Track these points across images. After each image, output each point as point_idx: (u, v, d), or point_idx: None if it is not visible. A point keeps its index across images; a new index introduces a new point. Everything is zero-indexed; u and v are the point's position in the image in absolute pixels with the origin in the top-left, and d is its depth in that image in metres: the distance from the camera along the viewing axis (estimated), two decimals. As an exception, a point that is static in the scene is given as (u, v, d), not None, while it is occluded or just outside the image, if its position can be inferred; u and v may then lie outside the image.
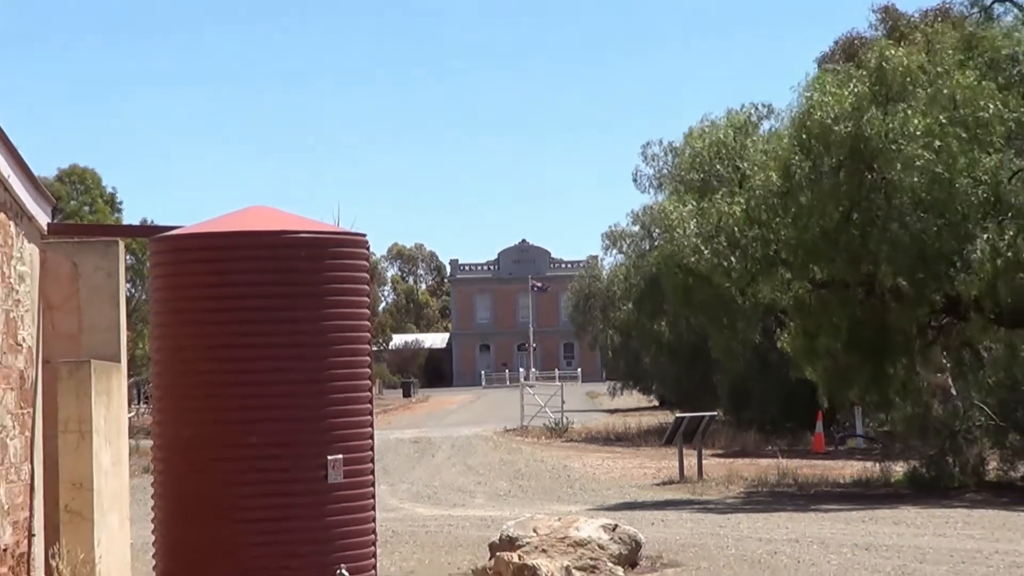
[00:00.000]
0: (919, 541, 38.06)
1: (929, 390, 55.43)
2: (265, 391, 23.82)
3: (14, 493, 23.56)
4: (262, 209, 25.66)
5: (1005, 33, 57.98)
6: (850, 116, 52.07)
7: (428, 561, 34.25)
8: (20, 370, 24.11)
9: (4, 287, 23.27)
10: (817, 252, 53.37)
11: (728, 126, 61.52)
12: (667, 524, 41.41)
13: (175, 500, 24.59)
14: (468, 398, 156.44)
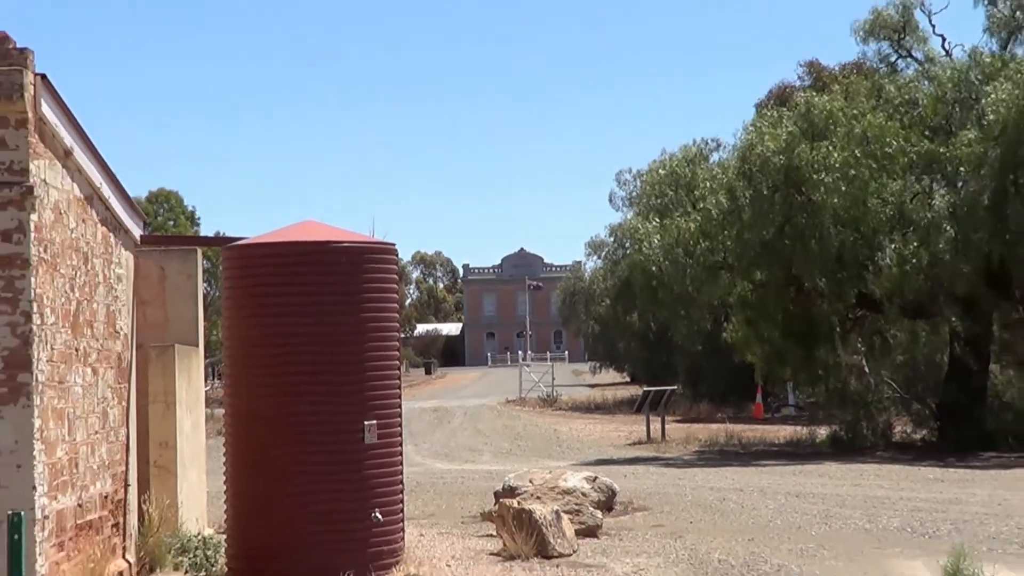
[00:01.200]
0: (839, 490, 38.23)
1: (847, 369, 55.57)
2: (313, 370, 24.20)
3: (113, 451, 23.75)
4: (312, 223, 26.10)
5: (906, 83, 58.21)
6: (783, 150, 52.48)
7: (445, 506, 34.44)
8: (118, 353, 24.31)
9: (105, 286, 23.48)
10: (757, 259, 53.75)
11: (682, 159, 61.89)
12: (636, 476, 41.53)
13: (242, 458, 24.89)
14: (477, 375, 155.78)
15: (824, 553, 26.54)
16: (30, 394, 18.68)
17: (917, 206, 52.04)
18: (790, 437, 58.84)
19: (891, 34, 60.17)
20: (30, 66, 18.90)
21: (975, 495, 36.41)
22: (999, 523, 30.46)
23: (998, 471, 43.83)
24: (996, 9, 57.92)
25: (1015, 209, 51.06)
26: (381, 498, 24.64)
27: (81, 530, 21.52)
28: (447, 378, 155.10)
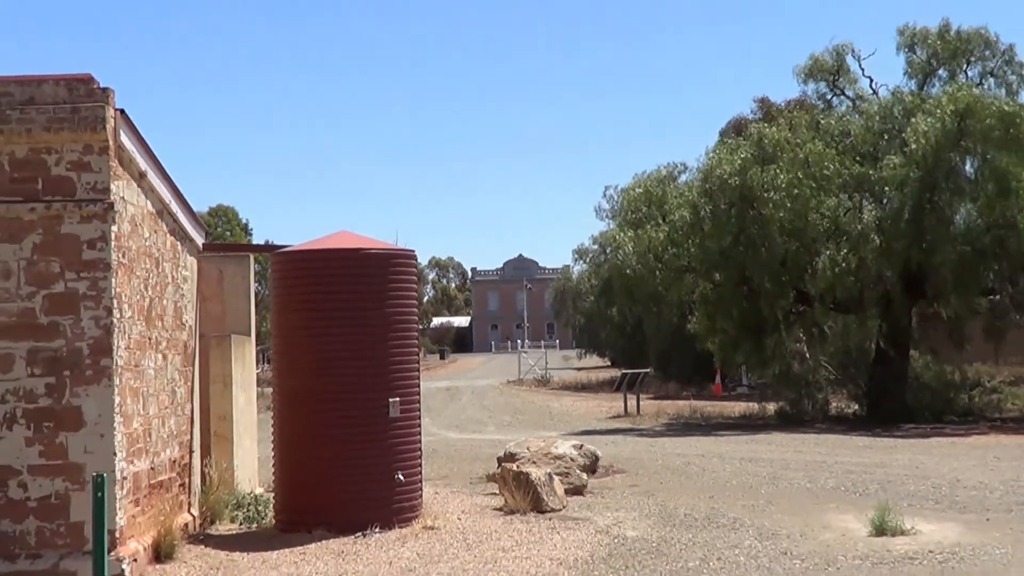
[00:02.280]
0: (784, 455, 38.20)
1: (791, 355, 55.54)
2: (346, 356, 24.30)
3: (180, 423, 23.80)
4: (345, 233, 26.23)
5: (840, 117, 58.28)
6: (738, 173, 52.43)
7: (456, 470, 34.43)
8: (184, 341, 24.39)
9: (173, 286, 23.55)
10: (715, 264, 53.72)
11: (655, 179, 61.95)
12: (616, 444, 41.48)
13: (287, 429, 24.97)
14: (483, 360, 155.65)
15: (772, 508, 26.56)
16: (111, 376, 18.75)
17: (849, 219, 52.06)
18: (744, 412, 58.74)
19: (827, 76, 60.18)
20: (111, 102, 18.97)
21: (897, 460, 36.43)
22: (917, 483, 30.49)
23: (916, 440, 43.85)
24: (914, 55, 58.00)
25: (930, 223, 51.34)
26: (403, 462, 24.74)
27: (153, 489, 21.57)
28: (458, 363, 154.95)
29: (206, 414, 27.10)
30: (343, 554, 21.85)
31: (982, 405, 56.01)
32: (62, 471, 18.71)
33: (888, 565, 19.88)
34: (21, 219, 18.83)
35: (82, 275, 18.80)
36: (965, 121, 50.18)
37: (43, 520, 18.72)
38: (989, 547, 21.48)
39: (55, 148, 18.83)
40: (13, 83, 19.10)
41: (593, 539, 22.73)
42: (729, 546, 21.82)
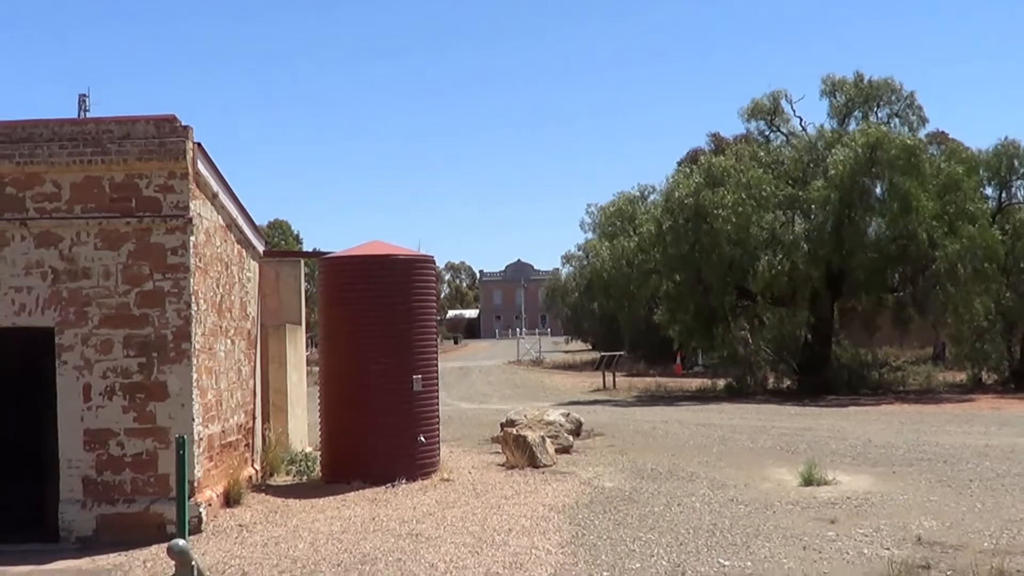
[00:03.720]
0: (731, 421, 38.15)
1: (736, 340, 55.44)
2: (378, 341, 24.33)
3: (244, 395, 23.78)
4: (378, 242, 26.36)
5: (775, 148, 58.44)
6: (693, 194, 52.40)
7: (467, 433, 34.40)
8: (248, 329, 24.39)
9: (239, 284, 23.56)
10: (675, 267, 53.71)
11: (627, 199, 62.03)
12: (595, 412, 41.43)
13: (331, 400, 24.97)
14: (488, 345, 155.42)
15: (721, 464, 26.54)
16: (190, 357, 18.75)
17: (783, 231, 52.07)
18: (699, 387, 58.60)
19: (765, 116, 60.17)
20: (190, 137, 19.00)
21: (822, 424, 36.40)
22: (838, 443, 30.47)
23: (837, 408, 43.79)
24: (835, 100, 58.04)
25: (848, 234, 51.57)
26: (424, 427, 24.77)
27: (224, 448, 21.58)
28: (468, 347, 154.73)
29: (265, 388, 27.13)
30: (376, 500, 21.88)
31: (889, 380, 56.10)
32: (151, 433, 18.75)
33: (814, 509, 19.91)
34: (119, 231, 18.88)
35: (167, 276, 18.83)
36: (875, 152, 50.53)
37: (137, 472, 18.77)
38: (894, 493, 21.53)
39: (146, 174, 18.87)
40: (113, 122, 19.19)
41: (578, 489, 22.73)
42: (687, 494, 21.82)
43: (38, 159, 18.91)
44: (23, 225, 18.97)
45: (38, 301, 18.97)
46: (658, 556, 16.05)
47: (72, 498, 18.82)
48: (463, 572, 15.27)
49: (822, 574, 14.48)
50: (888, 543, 16.73)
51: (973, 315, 50.65)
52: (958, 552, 15.98)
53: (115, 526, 18.58)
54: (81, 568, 16.68)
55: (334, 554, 16.82)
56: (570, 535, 17.84)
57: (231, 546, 17.75)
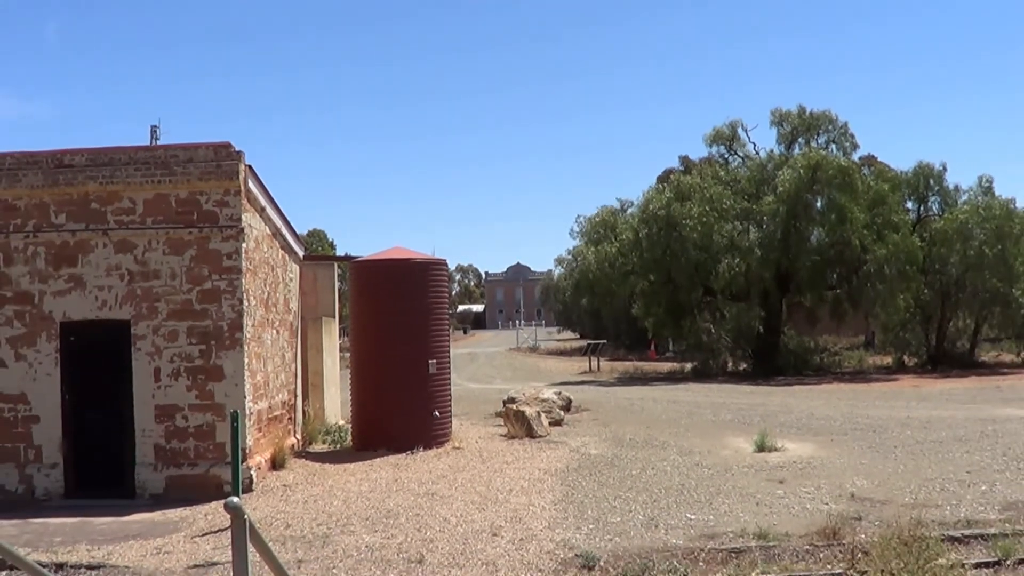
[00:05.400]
0: (697, 398, 38.15)
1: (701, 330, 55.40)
2: (399, 332, 24.35)
3: (288, 377, 23.83)
4: (399, 248, 26.53)
5: (734, 168, 58.59)
6: (665, 207, 52.48)
7: (474, 409, 34.38)
8: (290, 321, 24.42)
9: (283, 283, 23.60)
10: (650, 268, 53.68)
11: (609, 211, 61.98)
12: (583, 391, 41.38)
13: (359, 381, 25.01)
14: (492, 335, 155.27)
15: (689, 434, 26.55)
16: (242, 344, 18.80)
17: (740, 238, 52.09)
18: (669, 369, 58.55)
19: (725, 141, 60.24)
20: (242, 160, 19.06)
21: (772, 401, 36.41)
22: (786, 416, 30.49)
23: (785, 387, 43.80)
24: (782, 128, 58.20)
25: (794, 241, 51.88)
26: (438, 403, 24.82)
27: (271, 421, 21.62)
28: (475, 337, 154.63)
29: (305, 371, 27.16)
30: (398, 465, 21.93)
31: (828, 364, 56.18)
32: (210, 408, 18.83)
33: (766, 471, 19.94)
34: (183, 239, 18.93)
35: (223, 277, 18.89)
36: (816, 173, 50.89)
37: (198, 441, 18.85)
38: (832, 458, 21.58)
39: (206, 191, 18.93)
40: (179, 148, 19.29)
41: (568, 455, 22.75)
42: (660, 459, 21.85)
43: (117, 179, 19.03)
44: (105, 234, 19.08)
45: (117, 298, 19.08)
46: (635, 511, 16.11)
47: (145, 462, 18.94)
48: (472, 525, 15.32)
49: (772, 525, 14.51)
50: (827, 499, 16.80)
51: (897, 308, 51.21)
52: (884, 506, 16.05)
53: (181, 485, 18.69)
54: (154, 520, 16.76)
55: (363, 509, 16.89)
56: (561, 494, 17.89)
57: (277, 503, 17.82)
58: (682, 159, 79.69)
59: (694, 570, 12.46)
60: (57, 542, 15.01)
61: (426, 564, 13.07)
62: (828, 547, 13.31)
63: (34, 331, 19.15)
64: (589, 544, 13.82)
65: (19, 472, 19.01)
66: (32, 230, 19.19)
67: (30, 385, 19.09)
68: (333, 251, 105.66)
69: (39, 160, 19.32)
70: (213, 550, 14.19)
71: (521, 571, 12.63)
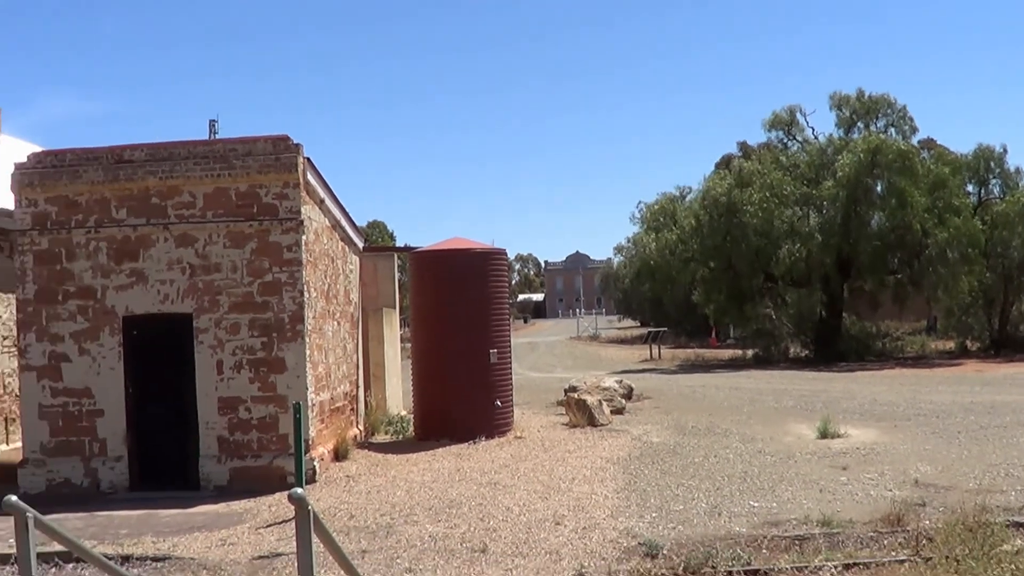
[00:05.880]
0: (759, 385, 37.97)
1: (762, 317, 55.39)
2: (460, 322, 24.46)
3: (349, 368, 23.90)
4: (458, 239, 26.52)
5: (793, 154, 58.24)
6: (725, 193, 52.56)
7: (535, 397, 34.35)
8: (351, 312, 24.51)
9: (343, 275, 23.66)
10: (710, 254, 53.75)
11: (669, 198, 61.94)
12: (644, 379, 41.27)
13: (421, 371, 25.11)
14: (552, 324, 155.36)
15: (751, 421, 26.43)
16: (304, 336, 18.85)
17: (800, 224, 52.01)
18: (731, 356, 58.45)
19: (784, 126, 59.94)
20: (301, 153, 19.09)
21: (835, 387, 36.20)
22: (848, 402, 30.30)
23: (847, 373, 43.56)
24: (841, 113, 57.93)
25: (854, 226, 51.59)
26: (500, 393, 24.85)
27: (333, 412, 21.67)
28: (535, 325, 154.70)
29: (367, 362, 27.26)
30: (460, 455, 21.94)
31: (890, 349, 56.09)
32: (273, 400, 18.87)
33: (829, 458, 19.80)
34: (243, 232, 18.98)
35: (283, 269, 18.92)
36: (875, 157, 50.56)
37: (261, 433, 18.90)
38: (896, 443, 21.41)
39: (265, 184, 18.96)
40: (238, 142, 19.35)
41: (630, 444, 22.69)
42: (722, 447, 21.75)
43: (177, 174, 19.10)
44: (166, 229, 19.15)
45: (179, 291, 19.16)
46: (698, 499, 16.02)
47: (209, 454, 19.01)
48: (534, 514, 15.28)
49: (836, 512, 14.38)
50: (891, 485, 16.64)
51: (960, 292, 50.99)
52: (948, 492, 15.88)
53: (244, 477, 18.75)
54: (218, 511, 16.82)
55: (426, 499, 16.88)
56: (624, 482, 17.82)
57: (340, 493, 17.84)
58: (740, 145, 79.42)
59: (757, 558, 12.36)
60: (123, 534, 15.09)
61: (489, 553, 13.05)
62: (892, 533, 13.17)
63: (97, 325, 19.27)
64: (652, 532, 13.75)
65: (84, 465, 19.14)
66: (94, 225, 19.31)
67: (94, 379, 19.21)
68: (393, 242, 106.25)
69: (99, 156, 19.44)
70: (277, 541, 14.23)
71: (584, 559, 12.58)
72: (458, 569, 12.41)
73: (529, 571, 12.21)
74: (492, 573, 12.20)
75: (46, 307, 19.31)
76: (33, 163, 19.60)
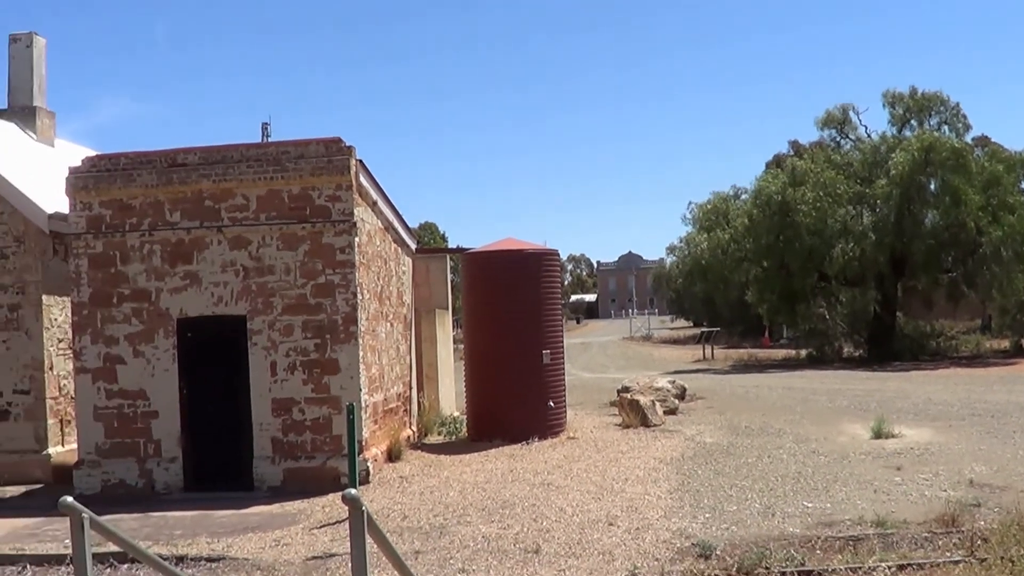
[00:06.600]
0: (812, 385, 37.79)
1: (816, 317, 55.20)
2: (513, 322, 24.43)
3: (403, 369, 23.94)
4: (511, 239, 26.52)
5: (845, 153, 57.93)
6: (779, 192, 52.28)
7: (588, 398, 34.29)
8: (404, 314, 24.55)
9: (396, 276, 23.71)
10: (763, 254, 53.54)
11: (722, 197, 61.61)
12: (697, 379, 41.16)
13: (474, 372, 25.13)
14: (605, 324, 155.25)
15: (804, 421, 26.29)
16: (357, 337, 18.89)
17: (853, 223, 51.77)
18: (784, 356, 58.24)
19: (836, 125, 59.66)
20: (353, 155, 19.13)
21: (889, 387, 35.96)
22: (902, 402, 30.09)
23: (901, 373, 43.29)
24: (894, 110, 57.54)
25: (908, 224, 51.21)
26: (553, 393, 24.80)
27: (386, 413, 21.72)
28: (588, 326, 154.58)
29: (420, 363, 27.31)
30: (514, 455, 21.93)
31: (945, 348, 55.61)
32: (326, 402, 18.92)
33: (883, 458, 19.66)
34: (296, 234, 19.05)
35: (336, 271, 18.97)
36: (929, 155, 50.14)
37: (315, 434, 18.96)
38: (950, 444, 21.24)
39: (318, 187, 19.02)
40: (290, 145, 19.43)
41: (683, 444, 22.62)
42: (776, 447, 21.65)
43: (230, 177, 19.19)
44: (219, 231, 19.25)
45: (232, 294, 19.25)
46: (751, 500, 15.94)
47: (263, 455, 19.09)
48: (588, 514, 15.24)
49: (890, 513, 14.27)
50: (945, 485, 16.51)
51: (1014, 291, 50.47)
52: (1004, 492, 15.74)
53: (298, 478, 18.81)
54: (272, 512, 16.88)
55: (479, 500, 16.88)
56: (677, 483, 17.76)
57: (394, 494, 17.87)
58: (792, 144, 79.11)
59: (811, 558, 12.28)
60: (177, 535, 15.17)
61: (542, 554, 13.02)
62: (947, 534, 13.05)
63: (152, 328, 19.39)
64: (705, 533, 13.69)
65: (139, 466, 19.27)
66: (148, 228, 19.43)
67: (148, 381, 19.33)
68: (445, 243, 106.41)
69: (153, 160, 19.56)
70: (331, 541, 14.26)
71: (637, 560, 12.54)
72: (511, 570, 12.40)
73: (582, 572, 12.18)
74: (545, 574, 12.18)
75: (101, 310, 19.47)
76: (87, 167, 19.76)
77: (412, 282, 26.87)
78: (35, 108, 26.73)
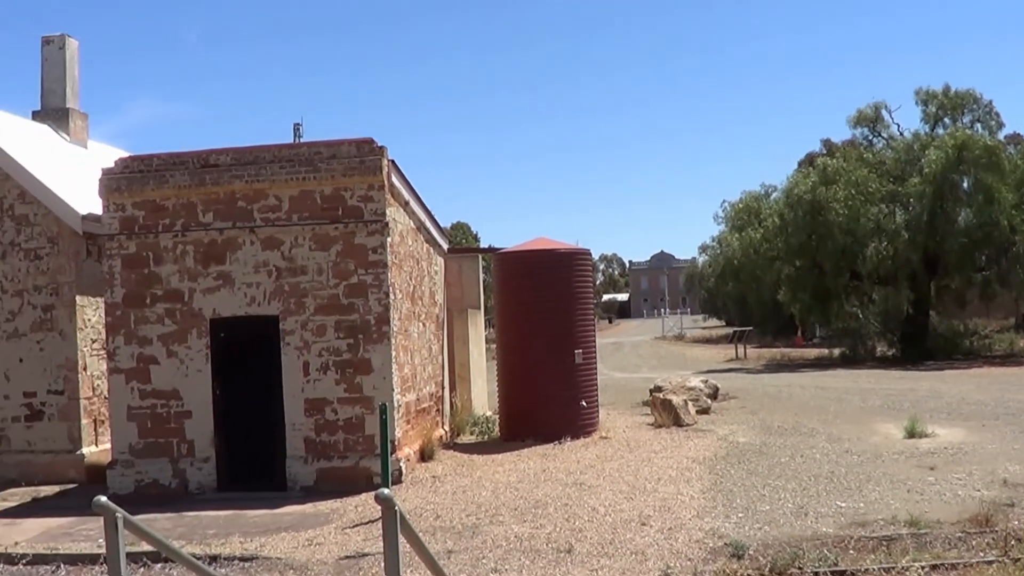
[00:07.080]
0: (845, 384, 37.69)
1: (849, 316, 55.13)
2: (545, 322, 24.43)
3: (435, 369, 23.95)
4: (543, 239, 26.50)
5: (878, 151, 57.83)
6: (811, 190, 52.12)
7: (620, 398, 34.29)
8: (436, 314, 24.57)
9: (428, 276, 23.73)
10: (795, 253, 53.41)
11: (753, 196, 61.54)
12: (730, 379, 41.09)
13: (506, 372, 25.15)
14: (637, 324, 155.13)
15: (837, 421, 26.20)
16: (389, 337, 18.89)
17: (886, 221, 51.57)
18: (816, 355, 58.10)
19: (869, 123, 59.56)
20: (385, 155, 19.13)
21: (922, 386, 35.82)
22: (935, 402, 29.97)
23: (934, 372, 43.12)
24: (927, 108, 57.32)
25: (941, 223, 50.95)
26: (585, 393, 24.79)
27: (419, 413, 21.72)
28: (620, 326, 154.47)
29: (452, 362, 27.32)
30: (546, 455, 21.92)
31: (978, 347, 55.27)
32: (359, 402, 18.95)
33: (916, 457, 19.57)
34: (329, 234, 19.07)
35: (368, 271, 18.98)
36: (962, 153, 49.91)
37: (348, 434, 18.98)
38: (984, 443, 21.13)
39: (350, 187, 19.04)
40: (323, 145, 19.46)
41: (716, 444, 22.56)
42: (809, 447, 21.57)
43: (263, 177, 19.23)
44: (252, 232, 19.30)
45: (265, 294, 19.29)
46: (784, 500, 15.88)
47: (296, 455, 19.13)
48: (620, 514, 15.22)
49: (923, 512, 14.19)
50: (979, 485, 16.41)
51: (1049, 290, 50.34)
52: (1039, 492, 15.68)
53: (331, 478, 18.84)
54: (305, 512, 16.91)
55: (512, 500, 16.87)
56: (710, 483, 17.71)
57: (426, 494, 17.87)
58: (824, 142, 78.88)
59: (844, 558, 12.22)
60: (210, 534, 15.20)
61: (575, 554, 13.00)
62: (980, 534, 12.97)
63: (185, 328, 19.46)
64: (738, 533, 13.65)
65: (172, 466, 19.34)
66: (180, 229, 19.50)
67: (182, 381, 19.40)
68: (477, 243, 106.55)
69: (185, 160, 19.62)
70: (364, 541, 14.27)
71: (670, 560, 12.50)
72: (544, 569, 12.38)
73: (615, 571, 12.15)
74: (578, 573, 12.16)
75: (134, 310, 19.55)
76: (120, 168, 19.84)
77: (444, 282, 26.90)
78: (68, 110, 26.87)
